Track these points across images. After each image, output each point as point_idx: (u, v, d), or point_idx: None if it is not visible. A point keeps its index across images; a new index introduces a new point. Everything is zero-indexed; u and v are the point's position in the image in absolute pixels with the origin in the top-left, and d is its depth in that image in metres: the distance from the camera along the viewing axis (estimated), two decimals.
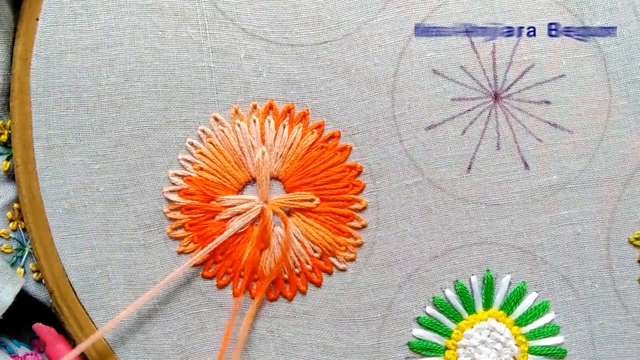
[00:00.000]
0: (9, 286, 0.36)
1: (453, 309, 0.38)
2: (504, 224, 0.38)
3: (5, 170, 0.38)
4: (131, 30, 0.37)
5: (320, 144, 0.38)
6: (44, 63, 0.37)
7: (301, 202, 0.38)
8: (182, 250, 0.38)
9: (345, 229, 0.38)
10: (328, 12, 0.37)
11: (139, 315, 0.38)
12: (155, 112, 0.37)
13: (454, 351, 0.38)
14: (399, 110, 0.38)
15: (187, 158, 0.38)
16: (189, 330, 0.38)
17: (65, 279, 0.38)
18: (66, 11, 0.37)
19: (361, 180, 0.38)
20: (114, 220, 0.38)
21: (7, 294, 0.36)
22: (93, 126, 0.37)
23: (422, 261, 0.38)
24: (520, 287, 0.38)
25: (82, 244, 0.38)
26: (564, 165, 0.38)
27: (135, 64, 0.37)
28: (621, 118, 0.38)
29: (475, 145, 0.38)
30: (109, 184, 0.37)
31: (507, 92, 0.38)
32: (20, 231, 0.39)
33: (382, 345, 0.38)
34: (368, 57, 0.37)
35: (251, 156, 0.38)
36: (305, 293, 0.38)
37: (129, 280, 0.38)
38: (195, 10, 0.37)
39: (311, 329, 0.38)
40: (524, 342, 0.38)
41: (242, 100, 0.38)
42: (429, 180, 0.38)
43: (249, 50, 0.37)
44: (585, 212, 0.38)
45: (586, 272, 0.38)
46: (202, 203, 0.38)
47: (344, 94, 0.37)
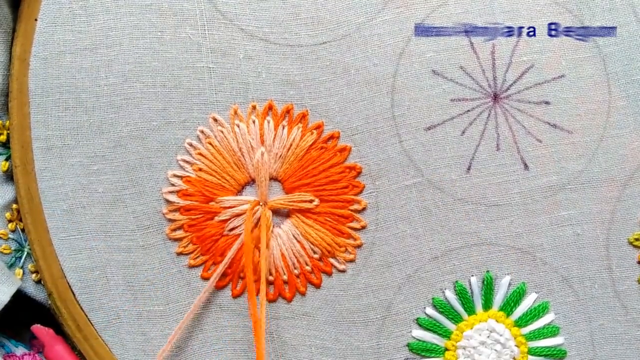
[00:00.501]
0: (5, 286, 0.36)
1: (453, 310, 0.38)
2: (504, 224, 0.38)
3: (4, 171, 0.38)
4: (130, 31, 0.37)
5: (320, 145, 0.38)
6: (42, 63, 0.37)
7: (300, 203, 0.38)
8: (181, 252, 0.38)
9: (344, 230, 0.38)
10: (327, 12, 0.37)
11: (138, 317, 0.38)
12: (154, 113, 0.37)
13: (454, 352, 0.38)
14: (398, 110, 0.37)
15: (186, 159, 0.38)
16: (188, 332, 0.38)
17: (64, 280, 0.38)
18: (65, 12, 0.37)
19: (360, 181, 0.38)
20: (113, 221, 0.37)
21: (2, 294, 0.36)
22: (92, 127, 0.37)
23: (422, 262, 0.38)
24: (520, 287, 0.38)
25: (81, 245, 0.37)
26: (564, 166, 0.38)
27: (134, 64, 0.37)
28: (621, 118, 0.37)
29: (475, 145, 0.38)
30: (108, 185, 0.37)
31: (506, 93, 0.37)
32: (19, 232, 0.39)
33: (382, 347, 0.38)
34: (367, 58, 0.37)
35: (250, 157, 0.38)
36: (304, 294, 0.38)
37: (128, 282, 0.38)
38: (194, 11, 0.37)
39: (310, 330, 0.38)
40: (524, 342, 0.38)
41: (241, 101, 0.37)
42: (428, 181, 0.38)
43: (248, 51, 0.37)
44: (584, 212, 0.38)
45: (586, 273, 0.38)
46: (201, 204, 0.38)
47: (343, 94, 0.37)
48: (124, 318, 0.38)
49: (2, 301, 0.36)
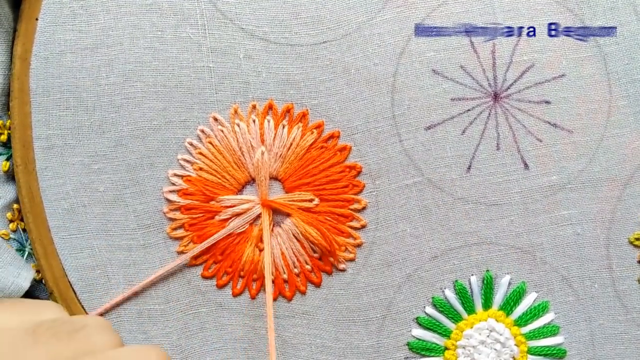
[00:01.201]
0: (24, 271, 0.37)
1: (452, 309, 0.38)
2: (504, 224, 0.38)
3: (5, 171, 0.38)
4: (130, 31, 0.37)
5: (320, 144, 0.38)
6: (43, 63, 0.37)
7: (301, 202, 0.38)
8: (181, 250, 0.38)
9: (344, 229, 0.38)
10: (327, 11, 0.37)
11: (139, 315, 0.38)
12: (154, 112, 0.37)
13: (454, 351, 0.38)
14: (398, 110, 0.37)
15: (187, 158, 0.38)
16: (188, 330, 0.38)
17: (65, 279, 0.38)
18: (65, 11, 0.37)
19: (361, 180, 0.38)
20: (114, 220, 0.38)
21: (23, 279, 0.36)
22: (93, 126, 0.37)
23: (422, 261, 0.38)
24: (520, 287, 0.38)
25: (82, 244, 0.38)
26: (564, 165, 0.38)
27: (135, 64, 0.37)
28: (621, 118, 0.37)
29: (475, 145, 0.38)
30: (109, 184, 0.37)
31: (507, 92, 0.37)
32: (20, 232, 0.39)
33: (382, 346, 0.38)
34: (368, 57, 0.37)
35: (250, 156, 0.38)
36: (304, 293, 0.38)
37: (129, 281, 0.38)
38: (195, 10, 0.37)
39: (310, 329, 0.38)
40: (524, 342, 0.38)
41: (241, 100, 0.38)
42: (428, 180, 0.38)
43: (248, 50, 0.37)
44: (585, 212, 0.38)
45: (586, 273, 0.38)
46: (202, 203, 0.38)
47: (343, 93, 0.37)
48: (124, 317, 0.38)
49: (24, 287, 0.36)
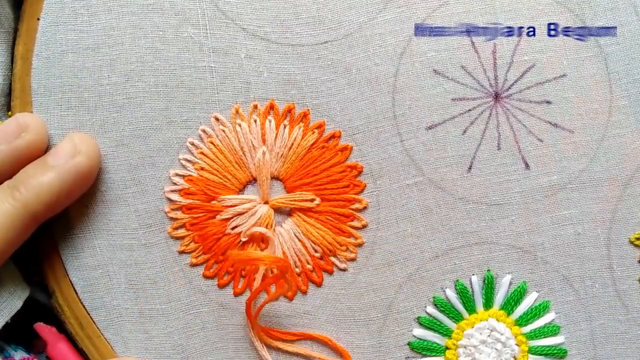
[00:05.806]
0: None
1: (453, 309, 0.38)
2: (505, 223, 0.38)
3: None
4: (132, 30, 0.37)
5: (321, 144, 0.38)
6: (44, 63, 0.37)
7: (302, 202, 0.38)
8: (183, 250, 0.38)
9: (345, 229, 0.38)
10: (329, 12, 0.37)
11: (140, 314, 0.38)
12: (156, 112, 0.37)
13: (455, 351, 0.38)
14: (399, 110, 0.38)
15: (188, 158, 0.38)
16: (189, 330, 0.38)
17: (67, 279, 0.38)
18: (67, 11, 0.37)
19: (362, 180, 0.38)
20: (115, 220, 0.38)
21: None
22: (94, 126, 0.37)
23: (423, 261, 0.38)
24: (521, 287, 0.38)
25: (84, 244, 0.38)
26: (565, 165, 0.38)
27: (136, 64, 0.37)
28: (622, 118, 0.37)
29: (476, 145, 0.38)
30: (110, 184, 0.37)
31: (507, 92, 0.38)
32: None
33: (383, 345, 0.38)
34: (369, 57, 0.37)
35: (252, 156, 0.38)
36: (305, 293, 0.38)
37: (130, 280, 0.38)
38: (196, 10, 0.37)
39: (311, 328, 0.38)
40: (525, 342, 0.38)
41: (243, 100, 0.38)
42: (429, 180, 0.38)
43: (249, 50, 0.37)
44: (585, 212, 0.38)
45: (587, 272, 0.38)
46: (203, 203, 0.38)
47: (344, 93, 0.38)
48: (125, 316, 0.38)
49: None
